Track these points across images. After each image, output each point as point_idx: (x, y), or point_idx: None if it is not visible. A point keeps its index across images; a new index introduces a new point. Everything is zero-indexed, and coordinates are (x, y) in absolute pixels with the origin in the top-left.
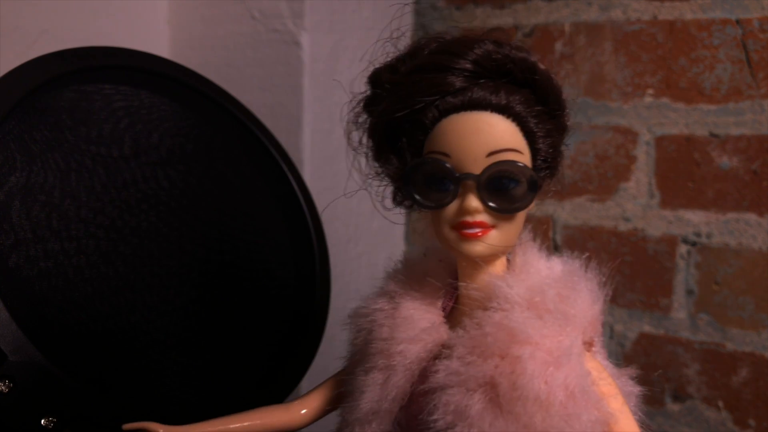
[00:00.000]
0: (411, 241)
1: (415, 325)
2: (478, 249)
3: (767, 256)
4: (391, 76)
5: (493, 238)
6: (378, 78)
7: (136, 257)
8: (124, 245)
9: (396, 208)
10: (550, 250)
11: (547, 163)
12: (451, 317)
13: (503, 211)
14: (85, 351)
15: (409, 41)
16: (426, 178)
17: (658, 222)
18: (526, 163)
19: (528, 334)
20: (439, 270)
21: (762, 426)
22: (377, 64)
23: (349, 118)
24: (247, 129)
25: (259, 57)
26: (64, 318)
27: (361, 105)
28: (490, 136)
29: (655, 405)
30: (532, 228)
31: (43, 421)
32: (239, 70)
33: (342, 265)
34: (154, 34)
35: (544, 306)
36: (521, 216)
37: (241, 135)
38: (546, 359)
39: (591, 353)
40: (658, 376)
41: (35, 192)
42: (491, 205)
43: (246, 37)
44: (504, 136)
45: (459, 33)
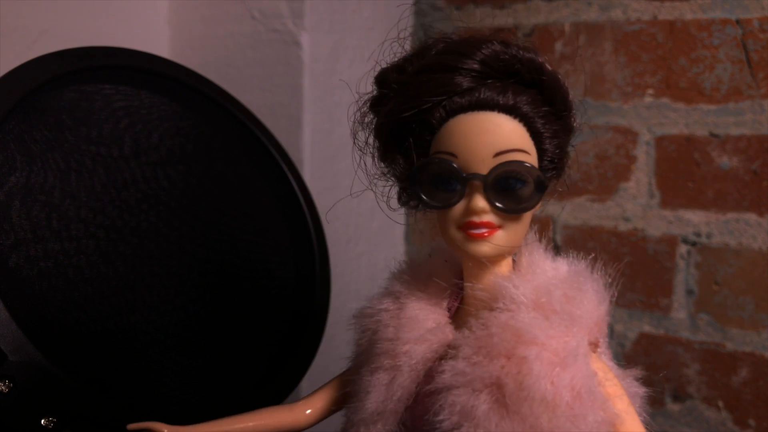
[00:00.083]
0: (411, 240)
1: (420, 326)
2: (484, 249)
3: (767, 256)
4: (398, 76)
5: (500, 238)
6: (385, 78)
7: (136, 257)
8: (124, 245)
9: (401, 209)
10: (550, 251)
11: (553, 164)
12: (456, 318)
13: (510, 212)
14: (85, 351)
15: (410, 41)
16: (433, 179)
17: (658, 222)
18: (533, 163)
19: (534, 334)
20: (445, 270)
21: (762, 426)
22: (382, 65)
23: (355, 118)
24: (247, 129)
25: (259, 57)
26: (64, 318)
27: (367, 105)
28: (497, 136)
29: (655, 405)
30: (537, 229)
31: (43, 421)
32: (239, 70)
33: (342, 265)
34: (154, 34)
35: (550, 307)
36: (528, 216)
37: (241, 135)
38: (552, 360)
39: (596, 354)
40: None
41: (35, 192)
42: (498, 205)
43: (246, 37)
44: (511, 137)
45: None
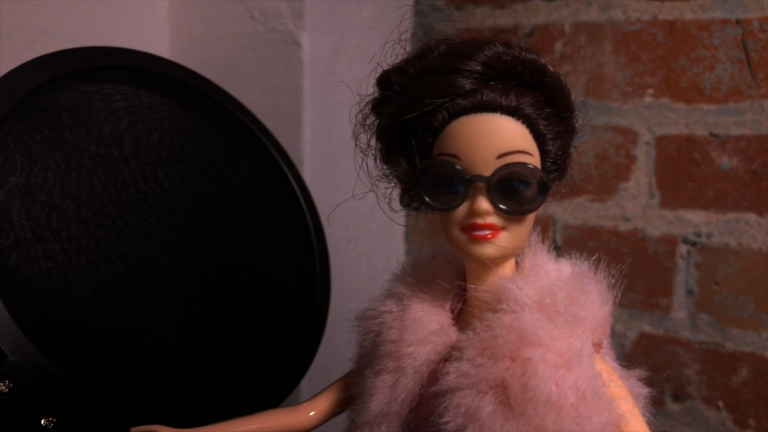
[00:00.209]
0: (411, 240)
1: (424, 327)
2: (488, 251)
3: (767, 256)
4: (400, 77)
5: (503, 240)
6: (387, 80)
7: (136, 257)
8: (124, 245)
9: (402, 210)
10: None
11: (556, 165)
12: (459, 319)
13: (514, 213)
14: (85, 351)
15: (410, 42)
16: (436, 180)
17: (658, 222)
18: (536, 165)
19: (538, 336)
20: (448, 272)
21: (762, 426)
22: (383, 66)
23: (357, 120)
24: (247, 129)
25: (259, 57)
26: (64, 318)
27: (369, 107)
28: (500, 138)
29: (655, 405)
30: (540, 230)
31: (43, 421)
32: (239, 70)
33: (342, 265)
34: (154, 34)
35: (554, 308)
36: (531, 218)
37: (241, 135)
38: (557, 361)
39: (600, 355)
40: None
41: (35, 192)
42: (501, 207)
43: (246, 37)
44: (514, 138)
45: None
